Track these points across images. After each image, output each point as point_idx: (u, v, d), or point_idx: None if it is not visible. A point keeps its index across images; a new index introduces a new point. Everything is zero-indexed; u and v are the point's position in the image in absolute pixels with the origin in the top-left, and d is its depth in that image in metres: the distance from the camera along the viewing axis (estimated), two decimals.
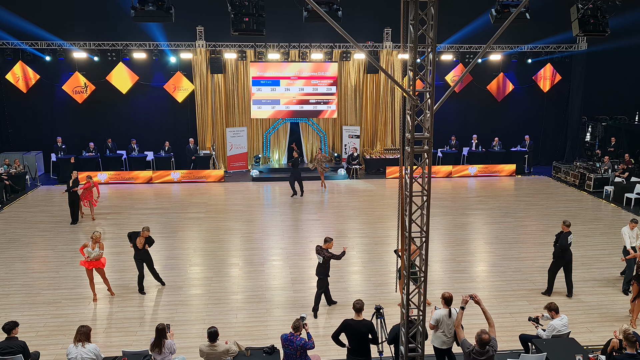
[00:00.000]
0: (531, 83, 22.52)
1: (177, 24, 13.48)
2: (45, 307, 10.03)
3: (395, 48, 21.40)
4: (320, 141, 22.31)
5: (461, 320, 6.97)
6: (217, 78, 21.06)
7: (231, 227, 14.78)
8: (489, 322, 6.95)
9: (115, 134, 20.77)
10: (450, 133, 21.91)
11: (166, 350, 7.11)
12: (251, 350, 7.51)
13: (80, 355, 6.94)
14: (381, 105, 21.99)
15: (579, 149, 22.89)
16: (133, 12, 11.69)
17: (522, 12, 12.21)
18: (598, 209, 16.81)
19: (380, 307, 7.36)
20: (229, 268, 11.94)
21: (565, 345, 7.59)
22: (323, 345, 8.50)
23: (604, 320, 9.55)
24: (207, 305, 10.17)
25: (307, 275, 11.51)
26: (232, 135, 21.26)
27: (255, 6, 11.68)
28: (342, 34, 6.11)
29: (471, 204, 17.25)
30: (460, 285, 10.98)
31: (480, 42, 21.00)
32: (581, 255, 12.64)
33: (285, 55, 20.84)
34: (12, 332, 7.34)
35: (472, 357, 6.50)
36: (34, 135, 20.89)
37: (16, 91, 20.23)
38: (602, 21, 12.71)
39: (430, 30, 6.20)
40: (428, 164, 6.41)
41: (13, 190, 18.01)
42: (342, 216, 15.85)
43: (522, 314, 9.73)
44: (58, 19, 19.63)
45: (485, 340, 6.44)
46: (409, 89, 6.17)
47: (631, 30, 19.81)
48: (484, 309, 7.06)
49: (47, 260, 12.32)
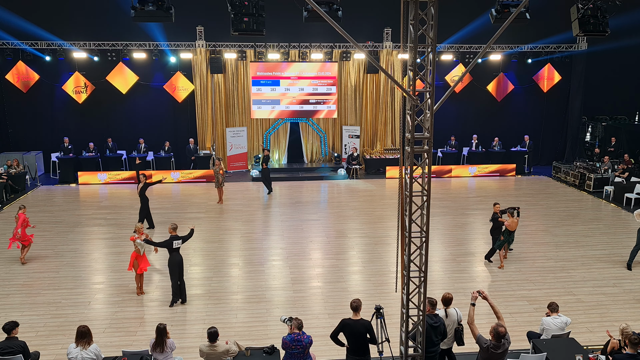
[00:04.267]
0: (531, 83, 22.53)
1: (177, 24, 13.47)
2: (45, 307, 10.03)
3: (395, 48, 21.40)
4: (320, 141, 22.31)
5: (473, 317, 7.00)
6: (217, 78, 21.06)
7: (231, 227, 14.78)
8: (497, 315, 7.03)
9: (115, 134, 20.78)
10: (450, 133, 21.90)
11: (168, 349, 7.14)
12: (251, 350, 7.51)
13: (80, 355, 6.94)
14: (381, 105, 21.99)
15: (579, 149, 22.89)
16: (133, 12, 11.68)
17: (522, 12, 12.20)
18: (598, 209, 16.81)
19: (380, 307, 7.35)
20: (229, 268, 11.94)
21: (565, 345, 7.59)
22: (323, 345, 8.50)
23: (604, 320, 9.55)
24: (207, 305, 10.17)
25: (307, 275, 11.52)
26: (232, 135, 21.26)
27: (255, 6, 11.67)
28: (342, 34, 6.11)
29: (471, 204, 17.25)
30: (460, 285, 10.98)
31: (480, 42, 21.00)
32: (581, 255, 12.65)
33: (285, 55, 20.84)
34: (12, 332, 7.34)
35: (490, 352, 6.58)
36: (34, 135, 20.90)
37: (16, 91, 20.23)
38: (602, 21, 12.70)
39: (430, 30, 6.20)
40: (428, 164, 6.41)
41: (13, 190, 18.02)
42: (342, 216, 15.85)
43: (522, 314, 9.75)
44: (58, 18, 19.63)
45: (502, 333, 6.55)
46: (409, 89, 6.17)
47: (631, 30, 19.82)
48: (491, 303, 7.15)
49: (47, 260, 12.32)
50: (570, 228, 14.64)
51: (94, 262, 12.28)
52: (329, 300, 10.34)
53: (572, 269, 11.85)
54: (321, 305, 10.17)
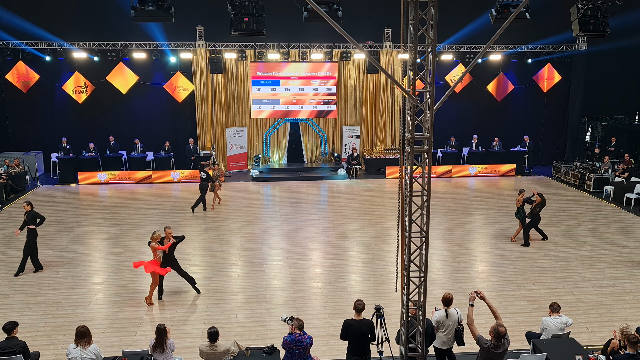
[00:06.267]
0: (531, 83, 22.52)
1: (177, 24, 13.48)
2: (45, 307, 10.02)
3: (395, 48, 21.40)
4: (320, 141, 22.31)
5: (472, 317, 7.00)
6: (217, 78, 21.06)
7: (231, 227, 14.78)
8: (495, 315, 7.04)
9: (116, 134, 20.76)
10: (450, 133, 21.90)
11: (168, 349, 7.14)
12: (251, 350, 7.51)
13: (80, 355, 6.94)
14: (381, 105, 21.99)
15: (579, 149, 22.89)
16: (133, 12, 11.68)
17: (522, 12, 12.20)
18: (598, 209, 16.81)
19: (380, 307, 7.35)
20: (229, 268, 11.94)
21: (565, 345, 7.59)
22: (323, 345, 8.51)
23: (604, 320, 9.55)
24: (207, 305, 10.17)
25: (307, 275, 11.52)
26: (232, 135, 21.26)
27: (255, 6, 11.67)
28: (342, 34, 6.11)
29: (471, 204, 17.25)
30: (460, 285, 10.98)
31: (480, 42, 20.99)
32: (581, 255, 12.65)
33: (285, 55, 20.84)
34: (12, 332, 7.34)
35: (490, 352, 6.59)
36: (34, 135, 20.90)
37: (16, 91, 20.23)
38: (602, 21, 12.70)
39: (430, 30, 6.20)
40: (428, 164, 6.41)
41: (13, 190, 18.02)
42: (342, 216, 15.85)
43: (522, 314, 9.75)
44: (58, 19, 19.64)
45: (502, 332, 6.56)
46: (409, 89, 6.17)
47: (631, 30, 19.82)
48: (489, 303, 7.15)
49: (47, 260, 12.31)
50: (570, 228, 14.63)
51: (94, 262, 12.28)
52: (329, 300, 10.34)
53: (572, 269, 11.85)
54: (321, 305, 10.17)
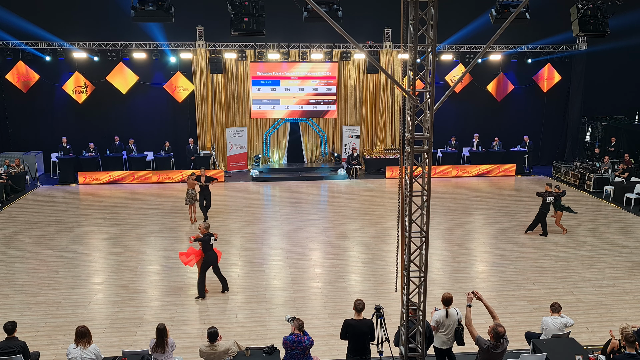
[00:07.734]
0: (531, 83, 22.52)
1: (177, 24, 13.47)
2: (45, 307, 10.02)
3: (395, 48, 21.40)
4: (320, 141, 22.31)
5: (471, 318, 7.01)
6: (217, 78, 21.06)
7: (231, 227, 14.78)
8: (493, 315, 7.05)
9: (115, 134, 20.75)
10: (450, 133, 21.90)
11: (169, 349, 7.14)
12: (251, 350, 7.51)
13: (80, 355, 6.94)
14: (381, 105, 21.99)
15: (579, 149, 22.89)
16: (133, 12, 11.68)
17: (522, 12, 12.20)
18: (598, 209, 16.81)
19: (380, 307, 7.35)
20: (229, 268, 11.93)
21: (565, 345, 7.59)
22: (323, 345, 8.51)
23: (604, 320, 9.55)
24: (207, 305, 10.17)
25: (307, 275, 11.53)
26: (232, 135, 21.26)
27: (255, 6, 11.67)
28: (342, 34, 6.11)
29: (471, 204, 17.25)
30: (460, 285, 10.98)
31: (480, 42, 20.99)
32: (581, 255, 12.65)
33: (285, 55, 20.84)
34: (12, 332, 7.33)
35: (490, 352, 6.60)
36: (34, 135, 20.89)
37: (16, 91, 20.23)
38: (602, 21, 12.69)
39: (430, 30, 6.20)
40: (428, 164, 6.41)
41: (13, 190, 18.01)
42: (342, 216, 15.85)
43: (522, 314, 9.75)
44: (58, 19, 19.63)
45: (501, 332, 6.58)
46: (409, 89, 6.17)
47: (631, 30, 19.82)
48: (486, 303, 7.18)
49: (47, 260, 12.31)
50: (570, 228, 14.63)
51: (94, 262, 12.28)
52: (329, 300, 10.34)
53: (572, 269, 11.85)
54: (321, 305, 10.17)
